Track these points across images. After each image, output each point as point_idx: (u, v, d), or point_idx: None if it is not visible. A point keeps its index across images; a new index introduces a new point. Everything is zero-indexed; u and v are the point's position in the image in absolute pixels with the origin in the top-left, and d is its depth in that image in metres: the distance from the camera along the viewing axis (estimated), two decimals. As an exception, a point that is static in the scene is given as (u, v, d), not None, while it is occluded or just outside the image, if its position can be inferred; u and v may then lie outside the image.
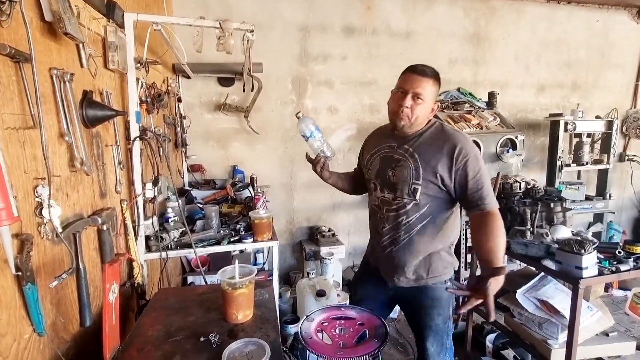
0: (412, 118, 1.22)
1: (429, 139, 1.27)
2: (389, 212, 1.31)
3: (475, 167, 1.21)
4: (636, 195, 3.75)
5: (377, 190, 1.34)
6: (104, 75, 1.35)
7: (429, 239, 1.29)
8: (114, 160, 1.39)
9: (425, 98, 1.20)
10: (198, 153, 2.74)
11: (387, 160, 1.31)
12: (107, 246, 1.22)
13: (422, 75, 1.21)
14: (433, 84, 1.22)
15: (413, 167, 1.24)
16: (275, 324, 1.06)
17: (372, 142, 1.43)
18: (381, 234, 1.34)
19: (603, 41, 3.51)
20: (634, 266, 1.45)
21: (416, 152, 1.25)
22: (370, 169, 1.37)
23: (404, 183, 1.25)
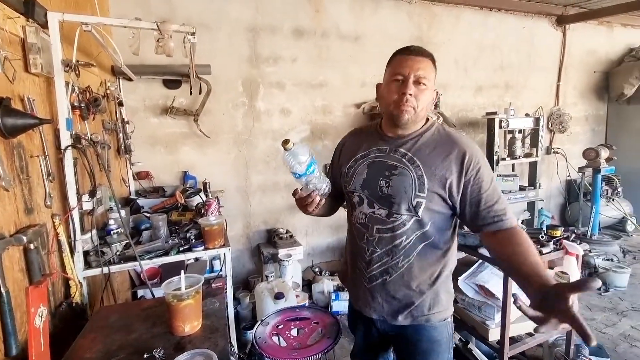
0: (417, 108, 0.99)
1: (432, 141, 1.03)
2: (381, 233, 1.04)
3: (488, 177, 1.00)
4: (561, 184, 4.21)
5: (364, 204, 1.07)
6: (25, 80, 1.23)
7: (431, 264, 1.04)
8: (41, 172, 1.28)
9: (429, 83, 0.99)
10: (144, 159, 2.60)
11: (378, 168, 1.05)
12: (36, 266, 1.13)
13: (420, 55, 1.00)
14: (432, 65, 1.01)
15: (415, 175, 1.00)
16: (225, 333, 1.05)
17: (353, 145, 1.15)
18: (369, 262, 1.07)
19: (529, 46, 3.88)
20: (554, 248, 1.63)
21: (417, 156, 1.01)
22: (353, 178, 1.09)
23: (403, 196, 1.00)
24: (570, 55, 4.10)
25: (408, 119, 1.00)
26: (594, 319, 2.48)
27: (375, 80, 3.25)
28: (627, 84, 4.03)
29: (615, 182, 3.94)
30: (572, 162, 4.02)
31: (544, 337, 1.73)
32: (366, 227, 1.07)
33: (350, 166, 1.11)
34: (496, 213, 0.97)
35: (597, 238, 3.54)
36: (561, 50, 4.06)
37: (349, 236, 1.18)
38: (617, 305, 2.65)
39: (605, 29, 4.28)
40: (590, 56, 4.24)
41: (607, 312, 2.56)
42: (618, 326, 2.40)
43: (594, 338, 0.66)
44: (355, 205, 1.10)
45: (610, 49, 4.34)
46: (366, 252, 1.07)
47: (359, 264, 1.11)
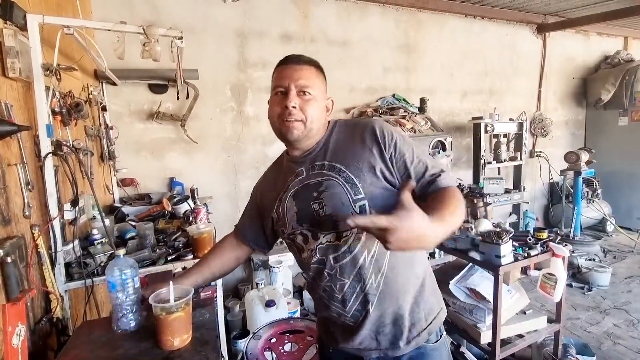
0: (306, 121, 0.88)
1: (340, 138, 0.94)
2: (339, 261, 0.89)
3: (408, 147, 0.90)
4: (544, 186, 4.32)
5: (309, 240, 0.92)
6: (2, 85, 1.18)
7: (405, 265, 0.91)
8: (19, 180, 1.22)
9: (315, 91, 0.88)
10: (129, 166, 2.53)
11: (303, 194, 0.92)
12: (14, 281, 1.07)
13: (300, 63, 0.90)
14: (317, 73, 0.91)
15: (343, 181, 0.88)
16: (216, 345, 1.01)
17: (269, 185, 1.02)
18: (343, 300, 0.91)
19: (511, 53, 4.00)
20: (541, 250, 1.67)
21: (335, 161, 0.90)
22: (285, 218, 0.94)
23: (342, 208, 0.87)
24: (550, 62, 4.24)
25: (298, 135, 0.89)
26: (579, 318, 2.54)
27: (363, 85, 3.28)
28: (603, 90, 4.19)
29: (595, 184, 4.08)
30: (554, 165, 4.14)
31: (533, 338, 1.75)
32: (322, 262, 0.91)
33: (277, 207, 0.96)
34: (430, 177, 0.88)
35: (579, 239, 3.64)
36: (542, 57, 4.19)
37: (310, 286, 0.99)
38: (600, 304, 2.72)
39: (583, 38, 4.45)
40: (569, 63, 4.40)
41: (590, 311, 2.63)
42: (602, 324, 2.46)
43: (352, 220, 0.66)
44: (302, 247, 0.94)
45: (588, 56, 4.52)
46: (335, 290, 0.91)
47: (334, 309, 0.93)
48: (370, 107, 3.17)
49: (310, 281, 0.98)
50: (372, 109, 3.12)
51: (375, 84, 3.33)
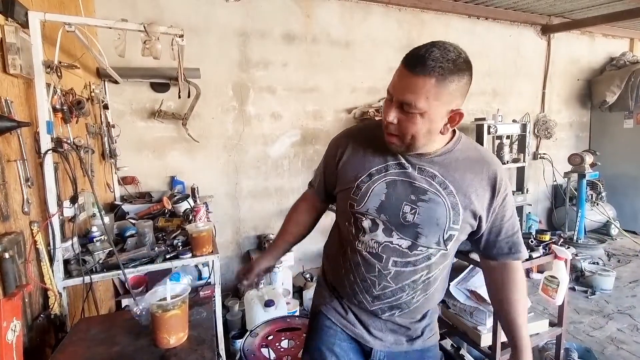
0: (405, 138, 0.82)
1: (462, 161, 0.87)
2: (399, 267, 0.88)
3: (512, 204, 0.91)
4: (548, 189, 4.28)
5: (379, 231, 0.88)
6: (3, 81, 1.18)
7: (440, 294, 0.98)
8: (19, 177, 1.22)
9: (423, 109, 0.77)
10: (131, 164, 2.53)
11: (401, 189, 0.86)
12: (11, 277, 1.07)
13: (414, 71, 0.76)
14: (437, 83, 0.75)
15: (450, 204, 0.84)
16: (212, 344, 1.01)
17: (361, 152, 0.93)
18: (377, 297, 0.91)
19: (515, 54, 3.97)
20: (543, 252, 1.65)
21: (449, 180, 0.85)
22: (366, 198, 0.88)
23: (434, 228, 0.85)
24: (555, 63, 4.21)
25: (398, 149, 0.85)
26: (582, 322, 2.51)
27: (365, 85, 3.27)
28: (608, 92, 4.15)
29: (599, 187, 4.04)
30: (557, 167, 4.10)
31: (535, 341, 1.73)
32: (379, 258, 0.89)
33: (363, 182, 0.89)
34: (514, 245, 0.91)
35: (582, 242, 3.60)
36: (546, 58, 4.16)
37: (350, 264, 0.94)
38: (604, 308, 2.69)
39: (588, 39, 4.41)
40: (574, 65, 4.37)
41: (594, 315, 2.60)
42: (605, 329, 2.43)
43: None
44: (364, 230, 0.89)
45: (593, 58, 4.47)
46: (375, 286, 0.90)
47: (360, 297, 0.93)
48: (372, 108, 3.15)
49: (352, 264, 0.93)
50: (374, 109, 3.11)
51: (378, 84, 3.32)
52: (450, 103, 0.79)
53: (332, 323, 1.00)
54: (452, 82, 0.77)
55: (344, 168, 0.95)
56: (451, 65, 0.76)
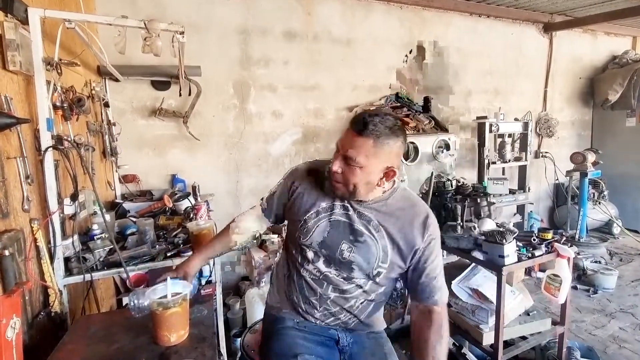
0: (348, 186, 0.96)
1: (396, 209, 1.01)
2: (336, 293, 1.04)
3: (438, 249, 1.02)
4: (549, 187, 4.27)
5: (320, 262, 1.03)
6: (3, 78, 1.18)
7: (380, 308, 1.14)
8: (19, 174, 1.22)
9: (362, 164, 0.92)
10: (131, 162, 2.53)
11: (341, 229, 1.01)
12: (11, 274, 1.06)
13: (357, 132, 0.91)
14: (374, 144, 0.91)
15: (380, 246, 0.99)
16: (213, 342, 1.00)
17: (312, 190, 1.06)
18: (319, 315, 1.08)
19: (517, 52, 3.95)
20: (545, 251, 1.64)
21: (383, 225, 0.99)
22: (311, 232, 1.02)
23: (365, 265, 1.00)
24: (557, 61, 4.18)
25: (341, 194, 0.99)
26: (584, 320, 2.50)
27: (366, 84, 3.26)
28: (611, 90, 4.13)
29: (602, 186, 4.01)
30: (559, 165, 4.09)
31: (537, 340, 1.72)
32: (320, 284, 1.05)
33: (310, 217, 1.03)
34: (433, 289, 1.00)
35: (584, 241, 3.59)
36: (548, 56, 4.14)
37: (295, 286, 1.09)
38: (606, 307, 2.68)
39: (590, 37, 4.39)
40: (576, 63, 4.34)
41: (596, 314, 2.58)
42: (607, 328, 2.41)
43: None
44: (308, 259, 1.05)
45: (595, 56, 4.45)
46: (317, 307, 1.06)
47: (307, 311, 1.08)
48: (373, 106, 3.14)
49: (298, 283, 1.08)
50: (375, 108, 3.10)
51: (379, 82, 3.31)
52: (385, 161, 0.95)
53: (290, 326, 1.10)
54: (387, 145, 0.92)
55: (296, 201, 1.08)
56: (388, 131, 0.92)
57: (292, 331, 1.09)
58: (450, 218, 1.85)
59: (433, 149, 2.90)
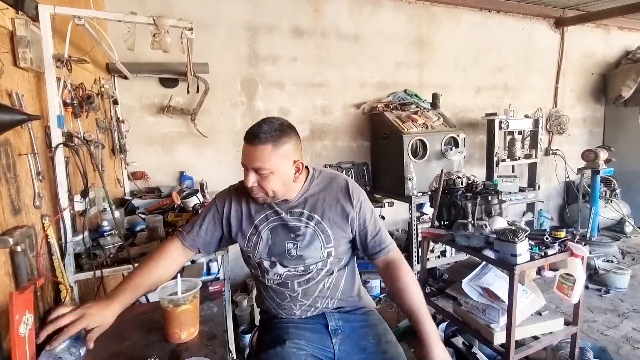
0: (270, 192, 1.02)
1: (318, 190, 1.10)
2: (299, 287, 1.10)
3: (369, 209, 1.11)
4: (560, 185, 4.20)
5: (277, 266, 1.10)
6: (14, 75, 1.18)
7: (353, 282, 1.17)
8: (30, 170, 1.22)
9: (271, 169, 0.98)
10: (140, 159, 2.54)
11: (279, 232, 1.08)
12: (23, 270, 1.07)
13: (254, 143, 0.97)
14: (273, 147, 0.97)
15: (318, 231, 1.07)
16: (223, 339, 1.00)
17: (242, 211, 1.12)
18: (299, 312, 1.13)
19: (528, 48, 3.88)
20: (559, 250, 1.60)
21: (314, 211, 1.08)
22: (257, 247, 1.10)
23: (313, 252, 1.07)
24: (568, 57, 4.11)
25: (265, 200, 1.06)
26: (596, 320, 2.46)
27: (374, 80, 3.23)
28: (624, 86, 4.04)
29: (614, 184, 3.94)
30: (570, 163, 4.02)
31: (549, 340, 1.69)
32: (285, 285, 1.10)
33: (252, 234, 1.10)
34: (381, 241, 1.11)
35: (596, 239, 3.53)
36: (559, 52, 4.06)
37: (267, 297, 1.15)
38: (618, 307, 2.63)
39: (603, 32, 4.30)
40: (588, 58, 4.26)
41: (608, 314, 2.54)
42: (620, 328, 2.37)
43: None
44: (266, 269, 1.11)
45: (608, 51, 4.36)
46: (293, 308, 1.12)
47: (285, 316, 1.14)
48: (382, 103, 3.12)
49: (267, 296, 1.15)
50: (383, 104, 3.07)
51: (387, 79, 3.28)
52: (290, 157, 1.02)
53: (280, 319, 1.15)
54: (284, 143, 1.00)
55: (232, 226, 1.13)
56: (279, 132, 0.99)
57: (282, 323, 1.13)
58: (460, 216, 1.83)
59: (442, 146, 2.86)
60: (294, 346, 1.05)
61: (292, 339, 1.06)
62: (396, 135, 2.76)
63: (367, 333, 1.12)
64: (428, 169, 2.76)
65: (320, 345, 1.10)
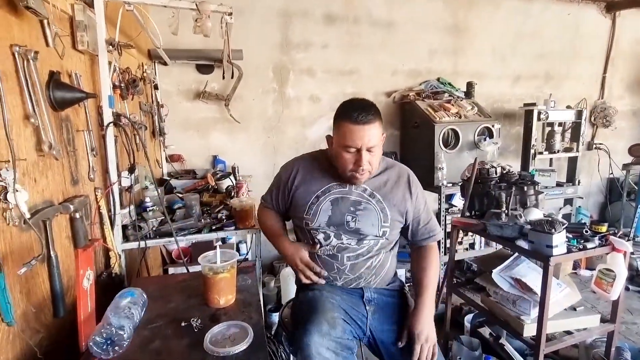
0: (372, 170, 1.10)
1: (381, 173, 1.17)
2: (352, 260, 1.15)
3: (423, 198, 1.20)
4: (602, 182, 3.95)
5: (331, 238, 1.14)
6: (73, 57, 1.28)
7: (393, 267, 1.25)
8: (86, 146, 1.33)
9: (379, 142, 1.07)
10: (177, 143, 2.67)
11: (342, 204, 1.12)
12: (81, 235, 1.18)
13: (367, 123, 1.02)
14: (379, 123, 1.06)
15: (378, 209, 1.13)
16: (258, 307, 1.06)
17: (308, 177, 1.18)
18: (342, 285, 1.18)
19: (574, 34, 3.64)
20: (599, 244, 1.53)
21: (377, 191, 1.14)
22: (317, 216, 1.13)
23: (371, 228, 1.12)
24: (619, 44, 3.81)
25: (366, 179, 1.12)
26: (635, 323, 2.34)
27: (406, 68, 3.17)
28: (683, 76, 3.70)
29: (664, 182, 3.65)
30: (615, 158, 3.76)
31: (583, 336, 1.64)
32: (335, 257, 1.15)
33: (312, 203, 1.14)
34: (431, 230, 1.20)
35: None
36: (609, 39, 3.78)
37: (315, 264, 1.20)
38: (661, 311, 2.48)
39: (661, 16, 3.93)
40: (642, 45, 3.93)
41: (649, 317, 2.40)
42: (662, 332, 2.24)
43: None
44: (320, 241, 1.15)
45: (665, 37, 3.99)
46: (338, 280, 1.17)
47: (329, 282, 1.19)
48: (413, 91, 3.05)
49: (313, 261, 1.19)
50: (415, 93, 3.01)
51: (420, 67, 3.20)
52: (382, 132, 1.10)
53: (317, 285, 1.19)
54: (380, 119, 1.07)
55: (297, 192, 1.18)
56: (375, 107, 1.07)
57: (318, 287, 1.19)
58: (493, 206, 1.78)
59: (475, 136, 2.77)
60: (330, 295, 1.14)
61: (330, 291, 1.15)
62: (427, 124, 2.71)
63: (400, 309, 1.18)
64: (459, 160, 2.69)
65: (355, 306, 1.16)
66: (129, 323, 0.86)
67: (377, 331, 1.13)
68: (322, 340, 0.95)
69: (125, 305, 0.91)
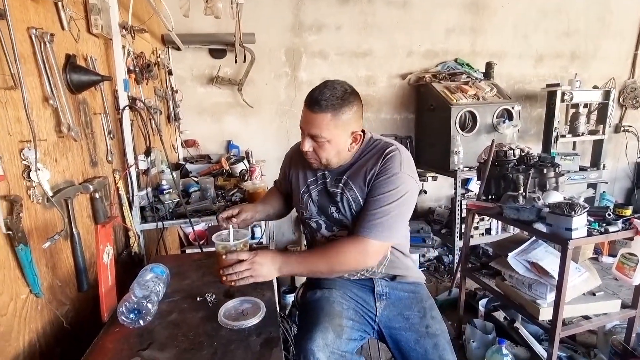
0: (322, 160, 1.03)
1: (369, 157, 1.06)
2: None
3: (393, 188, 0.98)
4: (630, 166, 3.77)
5: (323, 229, 1.14)
6: (88, 40, 1.30)
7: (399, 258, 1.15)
8: (103, 129, 1.37)
9: (327, 138, 0.98)
10: (192, 128, 2.71)
11: (325, 195, 1.11)
12: (101, 214, 1.22)
13: (313, 110, 0.95)
14: (332, 117, 0.95)
15: (350, 198, 1.06)
16: (271, 285, 1.08)
17: (300, 166, 1.17)
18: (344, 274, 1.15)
19: (603, 9, 3.41)
20: (622, 227, 1.47)
21: (352, 178, 1.06)
22: (308, 206, 1.14)
23: (353, 215, 1.07)
24: (654, 18, 3.55)
25: (318, 167, 1.08)
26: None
27: (422, 49, 3.08)
28: None
29: (697, 166, 3.46)
30: (645, 142, 3.57)
31: (602, 321, 1.60)
32: None
33: (304, 192, 1.15)
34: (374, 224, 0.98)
35: (669, 227, 3.16)
36: (643, 12, 3.53)
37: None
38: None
39: (703, -14, 3.63)
40: (680, 19, 3.65)
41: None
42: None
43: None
44: (314, 230, 1.16)
45: None
46: None
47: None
48: (429, 73, 2.97)
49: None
50: (431, 75, 2.92)
51: (437, 47, 3.10)
52: (348, 128, 1.00)
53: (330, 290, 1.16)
54: (344, 114, 0.97)
55: (292, 182, 1.21)
56: (340, 101, 0.96)
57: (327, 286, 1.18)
58: (510, 189, 1.74)
59: (493, 119, 2.68)
60: (340, 294, 1.13)
61: (339, 289, 1.14)
62: (443, 106, 2.63)
63: (413, 304, 1.14)
64: (476, 143, 2.62)
65: (364, 303, 1.14)
66: (155, 296, 0.90)
67: (386, 327, 1.12)
68: (325, 350, 0.95)
69: (151, 279, 0.95)
